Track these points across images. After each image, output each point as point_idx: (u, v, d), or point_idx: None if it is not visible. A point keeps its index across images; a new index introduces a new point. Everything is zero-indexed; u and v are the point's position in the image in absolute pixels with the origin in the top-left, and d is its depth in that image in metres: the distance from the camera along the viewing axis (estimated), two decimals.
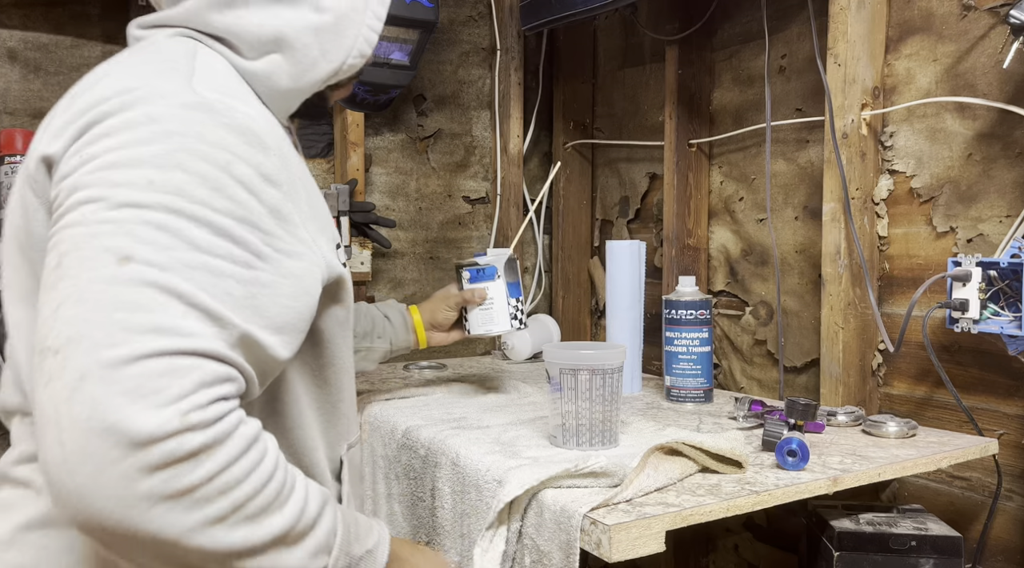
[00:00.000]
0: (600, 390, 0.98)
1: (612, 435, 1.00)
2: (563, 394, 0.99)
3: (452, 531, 0.97)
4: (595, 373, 0.98)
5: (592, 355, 0.98)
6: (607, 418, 0.99)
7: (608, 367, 0.98)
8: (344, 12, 0.74)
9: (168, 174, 0.56)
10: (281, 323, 0.61)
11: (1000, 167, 1.13)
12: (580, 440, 0.99)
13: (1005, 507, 1.12)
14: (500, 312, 1.21)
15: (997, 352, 1.12)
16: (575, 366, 0.98)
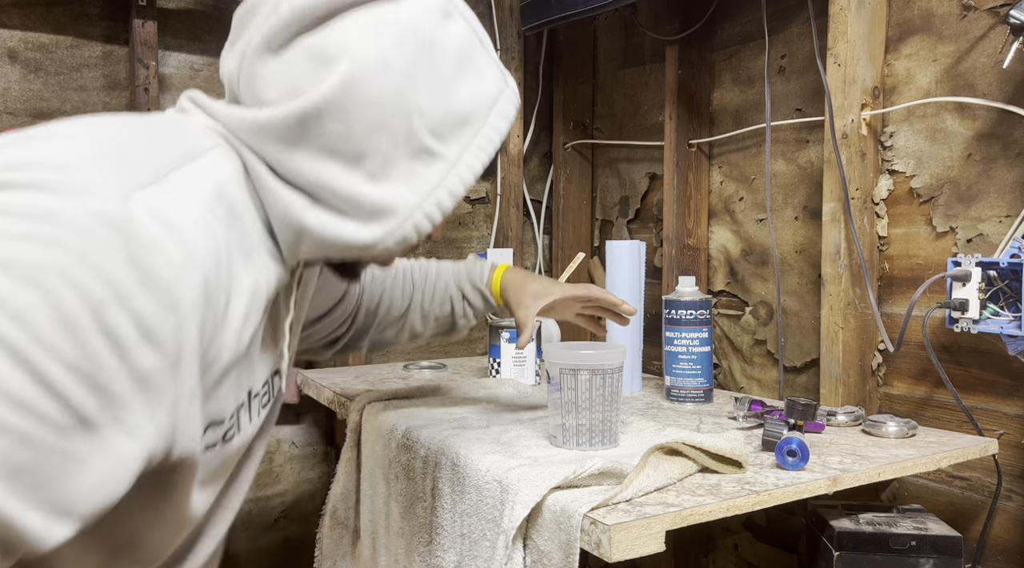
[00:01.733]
0: (600, 390, 0.98)
1: (612, 435, 1.00)
2: (563, 394, 0.99)
3: (452, 531, 0.97)
4: (595, 373, 0.98)
5: (592, 355, 0.99)
6: (607, 418, 0.99)
7: (608, 367, 0.99)
8: (402, 198, 0.66)
9: (20, 289, 0.45)
10: (68, 507, 0.47)
11: (1000, 167, 1.13)
12: (580, 440, 0.99)
13: (1005, 507, 1.12)
14: (529, 368, 1.49)
15: (997, 352, 1.12)
16: (575, 366, 0.98)
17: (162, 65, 1.59)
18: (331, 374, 1.60)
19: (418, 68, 0.64)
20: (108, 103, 1.54)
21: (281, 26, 0.62)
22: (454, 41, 0.68)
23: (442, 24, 0.67)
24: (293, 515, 1.76)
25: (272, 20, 0.63)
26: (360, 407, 1.23)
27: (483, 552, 0.89)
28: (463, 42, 0.68)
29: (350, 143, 0.63)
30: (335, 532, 1.22)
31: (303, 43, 0.62)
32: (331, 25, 0.63)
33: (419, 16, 0.65)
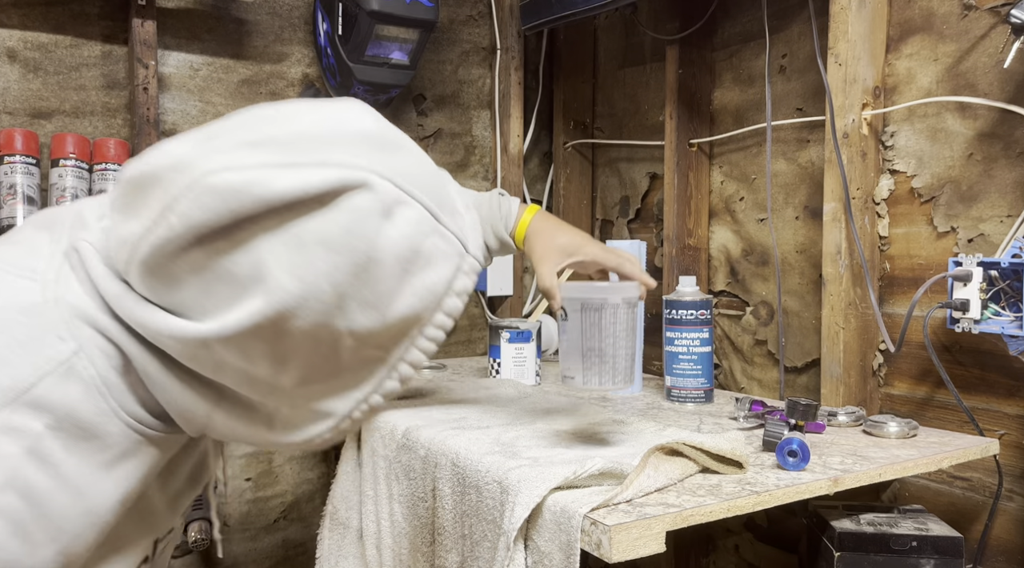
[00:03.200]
0: (625, 323, 0.95)
1: (632, 373, 0.98)
2: (585, 332, 0.94)
3: (453, 531, 0.96)
4: (620, 306, 0.94)
5: (617, 287, 0.96)
6: (629, 354, 0.96)
7: (631, 298, 0.96)
8: (331, 407, 0.61)
9: None
10: None
11: (1001, 167, 1.13)
12: (603, 378, 0.94)
13: (1006, 507, 1.12)
14: (530, 368, 1.48)
15: (998, 352, 1.12)
16: (600, 299, 0.93)
17: (161, 65, 1.58)
18: None
19: (349, 294, 0.54)
20: (107, 102, 1.54)
21: (172, 240, 0.52)
22: (398, 244, 0.56)
23: (383, 227, 0.55)
24: (293, 516, 1.76)
25: (161, 231, 0.52)
26: None
27: (485, 553, 0.89)
28: (410, 234, 0.57)
29: (260, 368, 0.56)
30: (336, 532, 1.22)
31: (205, 261, 0.52)
32: (240, 241, 0.52)
33: (354, 227, 0.53)
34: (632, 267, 0.99)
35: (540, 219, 1.02)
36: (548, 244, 0.98)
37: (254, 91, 1.68)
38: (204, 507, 1.48)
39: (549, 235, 1.00)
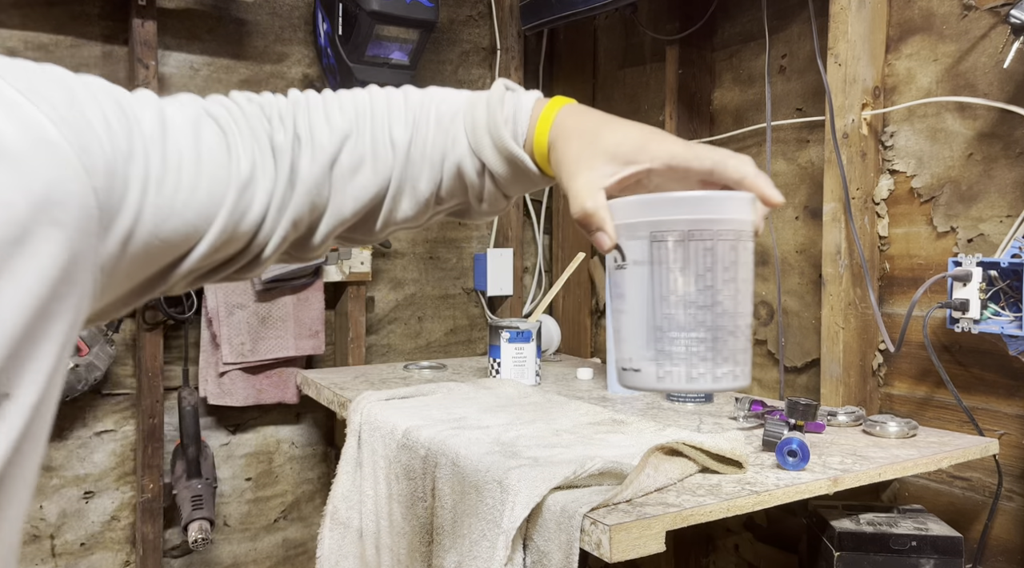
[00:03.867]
0: (745, 269, 0.54)
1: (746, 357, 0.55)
2: (668, 286, 0.53)
3: (452, 531, 0.96)
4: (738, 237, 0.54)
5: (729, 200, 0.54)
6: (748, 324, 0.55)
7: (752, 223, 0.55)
8: None
9: None
10: None
11: (1001, 167, 1.13)
12: (706, 367, 0.53)
13: (1006, 507, 1.12)
14: (530, 368, 1.47)
15: (998, 352, 1.12)
16: (705, 224, 0.53)
17: (162, 65, 1.58)
18: (330, 374, 1.60)
19: None
20: None
21: None
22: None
23: None
24: (293, 515, 1.76)
25: None
26: (360, 407, 1.23)
27: (483, 552, 0.89)
28: None
29: None
30: (336, 532, 1.22)
31: None
32: None
33: None
34: (745, 167, 0.56)
35: (571, 114, 0.62)
36: (586, 148, 0.59)
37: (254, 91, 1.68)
38: (204, 507, 1.48)
39: (588, 135, 0.60)
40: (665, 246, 0.53)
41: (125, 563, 1.59)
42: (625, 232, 0.54)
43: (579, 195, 0.56)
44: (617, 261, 0.56)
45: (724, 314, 0.53)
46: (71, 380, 1.39)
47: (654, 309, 0.53)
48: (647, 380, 0.54)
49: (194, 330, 1.61)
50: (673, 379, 0.53)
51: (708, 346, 0.53)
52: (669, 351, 0.53)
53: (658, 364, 0.53)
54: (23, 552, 1.50)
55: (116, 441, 1.58)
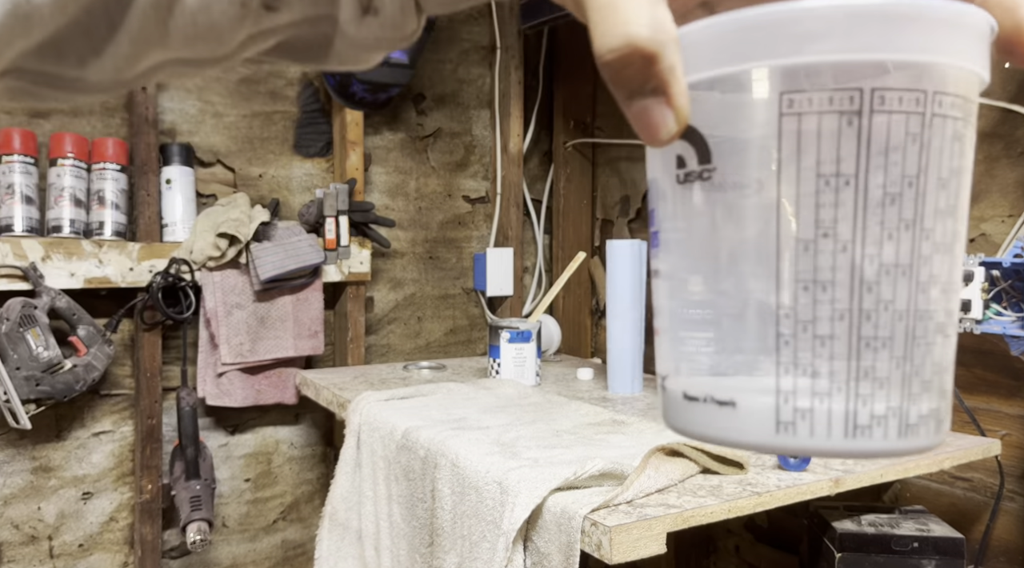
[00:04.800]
0: (951, 187, 0.24)
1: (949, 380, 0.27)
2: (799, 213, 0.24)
3: (452, 532, 0.96)
4: (945, 118, 0.24)
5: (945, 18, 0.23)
6: (952, 310, 0.25)
7: (974, 100, 0.25)
8: None
9: None
10: None
11: (1002, 167, 1.12)
12: (864, 406, 0.24)
13: (1007, 508, 1.12)
14: (530, 368, 1.45)
15: (999, 352, 1.12)
16: (881, 88, 0.23)
17: None
18: (330, 374, 1.59)
19: None
20: (106, 102, 1.53)
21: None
22: None
23: None
24: (292, 516, 1.76)
25: None
26: (360, 408, 1.23)
27: (483, 554, 0.88)
28: None
29: None
30: (335, 533, 1.22)
31: None
32: None
33: None
34: None
35: None
36: None
37: (253, 90, 1.68)
38: (203, 508, 1.48)
39: None
40: (816, 123, 0.23)
41: (124, 564, 1.59)
42: (716, 92, 0.25)
43: (621, 5, 0.24)
44: (686, 164, 0.25)
45: (932, 285, 0.24)
46: (69, 380, 1.39)
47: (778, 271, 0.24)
48: (751, 427, 0.25)
49: (192, 330, 1.61)
50: (814, 427, 0.24)
51: (898, 356, 0.24)
52: (806, 364, 0.24)
53: (780, 393, 0.24)
54: (21, 553, 1.50)
55: (114, 442, 1.57)
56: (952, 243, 0.25)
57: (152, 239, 1.52)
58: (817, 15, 0.22)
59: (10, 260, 1.37)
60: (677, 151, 0.25)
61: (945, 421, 0.26)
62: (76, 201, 1.45)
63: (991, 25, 0.24)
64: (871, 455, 0.24)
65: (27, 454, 1.50)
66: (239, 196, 1.62)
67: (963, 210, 0.25)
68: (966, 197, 0.25)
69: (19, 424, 1.33)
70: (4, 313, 1.34)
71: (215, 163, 1.66)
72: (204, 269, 1.55)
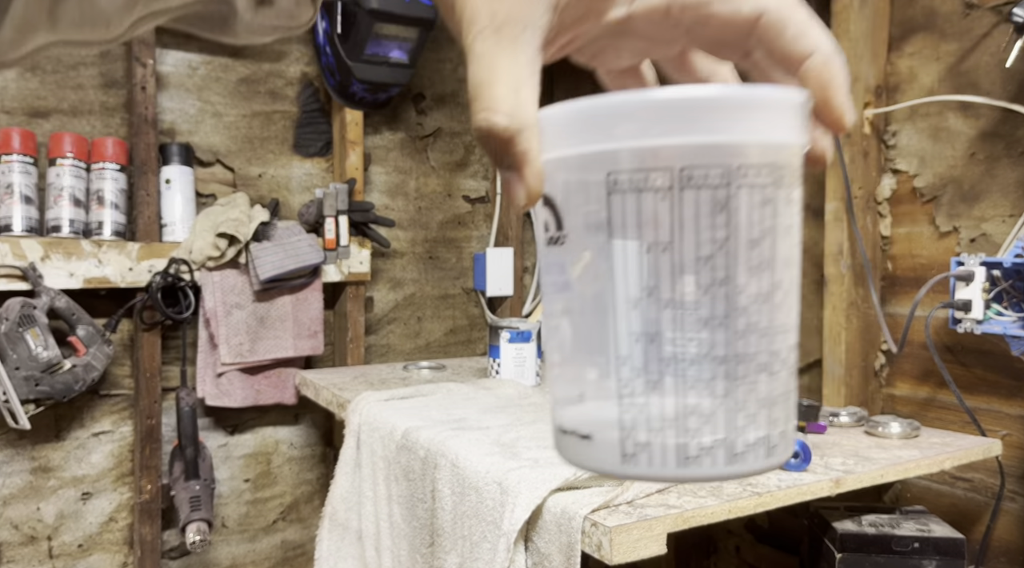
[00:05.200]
0: (764, 244, 0.28)
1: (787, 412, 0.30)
2: (627, 273, 0.28)
3: (452, 533, 0.96)
4: (781, 177, 0.28)
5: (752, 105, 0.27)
6: (777, 352, 0.29)
7: (793, 165, 0.29)
8: None
9: None
10: None
11: (1003, 166, 1.12)
12: (693, 439, 0.28)
13: (1008, 508, 1.11)
14: (530, 368, 1.46)
15: (1000, 353, 1.11)
16: (692, 165, 0.26)
17: (159, 63, 1.58)
18: (329, 375, 1.59)
19: None
20: (105, 101, 1.53)
21: None
22: None
23: None
24: (292, 517, 1.75)
25: None
26: (359, 408, 1.23)
27: (484, 554, 0.88)
28: None
29: None
30: (335, 534, 1.22)
31: None
32: None
33: None
34: (819, 37, 0.29)
35: None
36: None
37: (252, 90, 1.68)
38: (202, 508, 1.48)
39: None
40: (635, 200, 0.27)
41: (123, 565, 1.59)
42: (561, 172, 0.29)
43: (487, 90, 0.27)
44: (548, 229, 0.30)
45: (750, 332, 0.28)
46: (68, 380, 1.39)
47: (614, 324, 0.28)
48: (603, 457, 0.29)
49: (192, 330, 1.61)
50: (652, 458, 0.28)
51: (720, 395, 0.28)
52: (641, 404, 0.28)
53: (622, 429, 0.28)
54: (21, 553, 1.50)
55: (114, 442, 1.57)
56: (771, 292, 0.28)
57: (151, 239, 1.51)
58: (636, 106, 0.26)
59: (9, 260, 1.37)
60: (544, 217, 0.30)
61: (779, 445, 0.29)
62: (75, 201, 1.44)
63: (801, 100, 0.28)
64: (703, 480, 0.28)
65: (26, 454, 1.50)
66: (239, 196, 1.62)
67: (782, 262, 0.28)
68: (785, 249, 0.28)
69: (18, 424, 1.32)
70: (3, 313, 1.34)
71: (214, 163, 1.66)
72: (203, 269, 1.55)
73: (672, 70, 0.35)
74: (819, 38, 0.29)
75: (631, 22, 0.30)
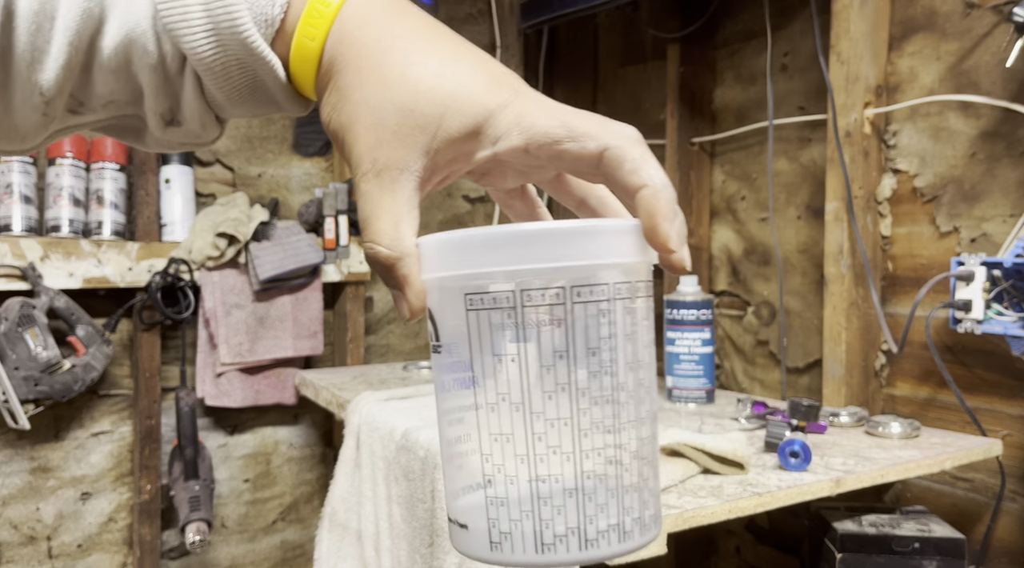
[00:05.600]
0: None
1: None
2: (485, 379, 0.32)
3: None
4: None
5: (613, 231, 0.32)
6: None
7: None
8: None
9: None
10: None
11: (1004, 166, 1.12)
12: (548, 528, 0.31)
13: (1008, 508, 1.11)
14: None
15: (1001, 352, 1.11)
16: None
17: None
18: (329, 375, 1.59)
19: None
20: None
21: None
22: None
23: None
24: (291, 517, 1.75)
25: None
26: (359, 408, 1.22)
27: None
28: None
29: None
30: (334, 534, 1.21)
31: None
32: None
33: None
34: (651, 169, 0.35)
35: (377, 8, 0.34)
36: (389, 106, 0.33)
37: None
38: (202, 508, 1.48)
39: (395, 65, 0.33)
40: (485, 316, 0.31)
41: (122, 565, 1.58)
42: (435, 291, 0.33)
43: (372, 224, 0.33)
44: (431, 338, 0.34)
45: (594, 431, 0.31)
46: (68, 380, 1.38)
47: (476, 424, 0.32)
48: (476, 545, 0.32)
49: (191, 330, 1.60)
50: (514, 546, 0.31)
51: (569, 488, 0.31)
52: (503, 496, 0.31)
53: (489, 521, 0.32)
54: (20, 553, 1.49)
55: (113, 442, 1.57)
56: (614, 392, 0.32)
57: (151, 239, 1.51)
58: (480, 239, 0.31)
59: (8, 260, 1.36)
60: (430, 327, 0.34)
61: (633, 531, 0.32)
62: (75, 201, 1.44)
63: (632, 225, 0.32)
64: (560, 565, 0.31)
65: (26, 454, 1.49)
66: (238, 195, 1.61)
67: (623, 364, 0.32)
68: (625, 355, 0.32)
69: (18, 424, 1.32)
70: (3, 313, 1.33)
71: (214, 162, 1.66)
72: (203, 269, 1.54)
73: (552, 191, 0.40)
74: (652, 173, 0.34)
75: (498, 158, 0.34)
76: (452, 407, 0.33)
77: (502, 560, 0.32)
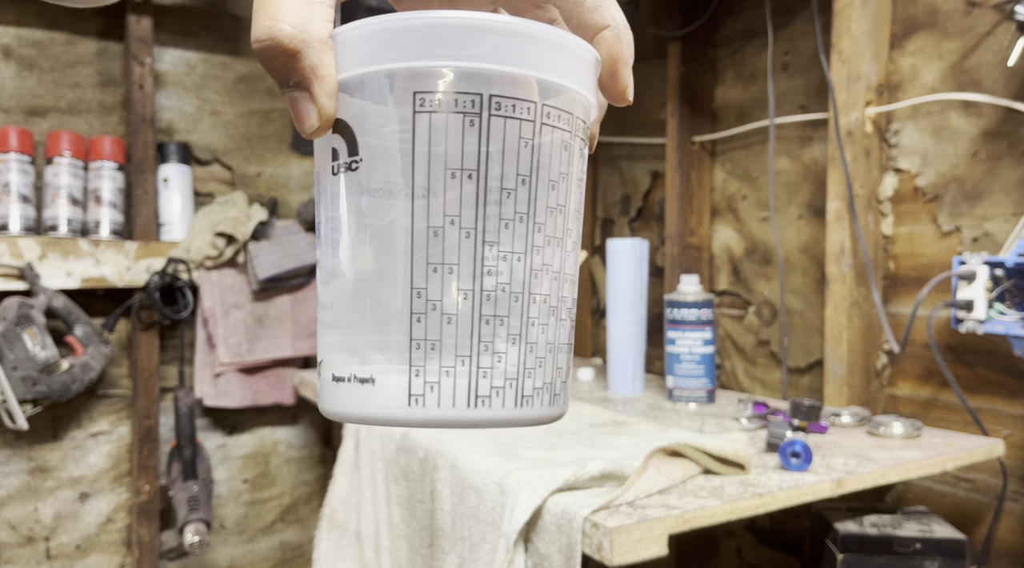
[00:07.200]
0: (561, 188, 0.28)
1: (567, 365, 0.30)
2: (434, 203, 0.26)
3: (452, 534, 0.95)
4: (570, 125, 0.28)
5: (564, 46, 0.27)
6: (565, 298, 0.29)
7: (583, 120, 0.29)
8: None
9: None
10: None
11: (1006, 165, 1.11)
12: (484, 380, 0.27)
13: (1010, 509, 1.11)
14: None
15: (1003, 352, 1.11)
16: (503, 96, 0.26)
17: (157, 62, 1.57)
18: None
19: None
20: (103, 100, 1.52)
21: None
22: None
23: None
24: (290, 517, 1.75)
25: None
26: None
27: (484, 555, 0.88)
28: None
29: None
30: (334, 534, 1.21)
31: None
32: None
33: None
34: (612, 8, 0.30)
35: None
36: None
37: (251, 88, 1.67)
38: (200, 509, 1.47)
39: None
40: (441, 121, 0.26)
41: (121, 565, 1.58)
42: (357, 92, 0.27)
43: (277, 3, 0.26)
44: (338, 156, 0.28)
45: (545, 273, 0.28)
46: (66, 380, 1.38)
47: (409, 256, 0.26)
48: (386, 401, 0.27)
49: (190, 330, 1.60)
50: (442, 399, 0.26)
51: (514, 334, 0.27)
52: (434, 339, 0.26)
53: (412, 369, 0.27)
54: (18, 554, 1.49)
55: (111, 442, 1.57)
56: (563, 238, 0.28)
57: (149, 238, 1.51)
58: (446, 25, 0.25)
59: (6, 259, 1.36)
60: (333, 144, 0.27)
61: (561, 395, 0.29)
62: (73, 200, 1.44)
63: (597, 59, 0.29)
64: (490, 424, 0.27)
65: (24, 455, 1.49)
66: (237, 195, 1.61)
67: (572, 210, 0.28)
68: (575, 200, 0.29)
69: (16, 424, 1.32)
70: (1, 313, 1.33)
71: (213, 161, 1.65)
72: (201, 268, 1.54)
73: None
74: (614, 13, 0.30)
75: None
76: (377, 226, 0.27)
77: (423, 417, 0.27)
